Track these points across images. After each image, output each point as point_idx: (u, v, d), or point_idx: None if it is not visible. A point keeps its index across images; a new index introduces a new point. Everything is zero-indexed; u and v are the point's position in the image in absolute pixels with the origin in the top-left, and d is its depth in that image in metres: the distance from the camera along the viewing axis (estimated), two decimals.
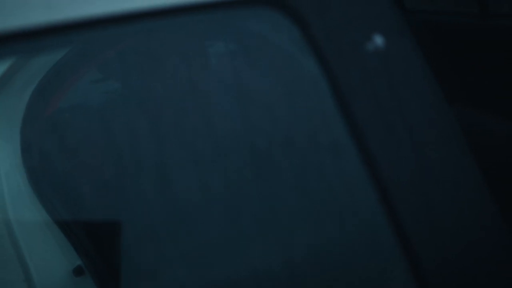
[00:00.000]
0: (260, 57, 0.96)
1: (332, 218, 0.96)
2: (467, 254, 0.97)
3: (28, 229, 1.46)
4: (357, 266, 0.99)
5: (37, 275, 1.45)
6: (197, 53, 0.95)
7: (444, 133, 0.99)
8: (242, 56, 0.95)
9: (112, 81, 1.39)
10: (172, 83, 0.94)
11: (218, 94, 0.94)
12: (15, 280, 1.44)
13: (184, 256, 1.04)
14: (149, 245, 1.12)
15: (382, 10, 0.99)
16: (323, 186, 0.96)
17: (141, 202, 1.13)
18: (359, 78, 0.96)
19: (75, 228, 1.44)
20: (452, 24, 3.22)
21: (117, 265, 1.28)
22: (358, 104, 0.96)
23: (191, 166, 1.00)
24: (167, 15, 0.94)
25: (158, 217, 1.10)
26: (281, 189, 0.95)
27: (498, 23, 3.01)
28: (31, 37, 0.81)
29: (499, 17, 3.08)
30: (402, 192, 0.96)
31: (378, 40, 0.98)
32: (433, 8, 3.48)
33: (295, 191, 0.96)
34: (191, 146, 0.94)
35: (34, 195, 1.45)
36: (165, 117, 0.96)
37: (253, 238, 0.93)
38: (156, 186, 1.09)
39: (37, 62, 1.42)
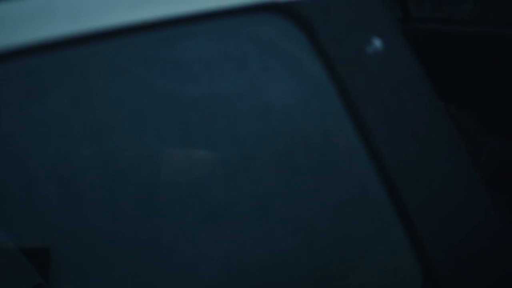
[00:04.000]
0: (270, 62, 0.98)
1: (344, 214, 1.00)
2: (469, 243, 1.03)
3: None
4: (366, 259, 1.03)
5: None
6: (207, 60, 0.95)
7: (441, 128, 1.04)
8: (251, 62, 0.97)
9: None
10: (184, 90, 0.94)
11: (228, 100, 0.95)
12: None
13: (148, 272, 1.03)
14: (106, 258, 1.11)
15: (378, 14, 1.03)
16: (335, 184, 1.00)
17: (93, 214, 1.12)
18: (363, 80, 1.00)
19: (30, 244, 1.39)
20: None
21: (77, 281, 1.25)
22: (364, 105, 0.99)
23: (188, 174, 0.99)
24: (178, 24, 0.94)
25: (112, 231, 1.09)
26: (296, 187, 0.97)
27: (420, 27, 3.11)
28: None
29: (421, 21, 3.19)
30: (408, 186, 1.00)
31: (377, 42, 1.02)
32: None
33: (309, 189, 0.98)
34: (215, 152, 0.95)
35: None
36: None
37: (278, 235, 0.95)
38: (108, 197, 1.07)
39: None
